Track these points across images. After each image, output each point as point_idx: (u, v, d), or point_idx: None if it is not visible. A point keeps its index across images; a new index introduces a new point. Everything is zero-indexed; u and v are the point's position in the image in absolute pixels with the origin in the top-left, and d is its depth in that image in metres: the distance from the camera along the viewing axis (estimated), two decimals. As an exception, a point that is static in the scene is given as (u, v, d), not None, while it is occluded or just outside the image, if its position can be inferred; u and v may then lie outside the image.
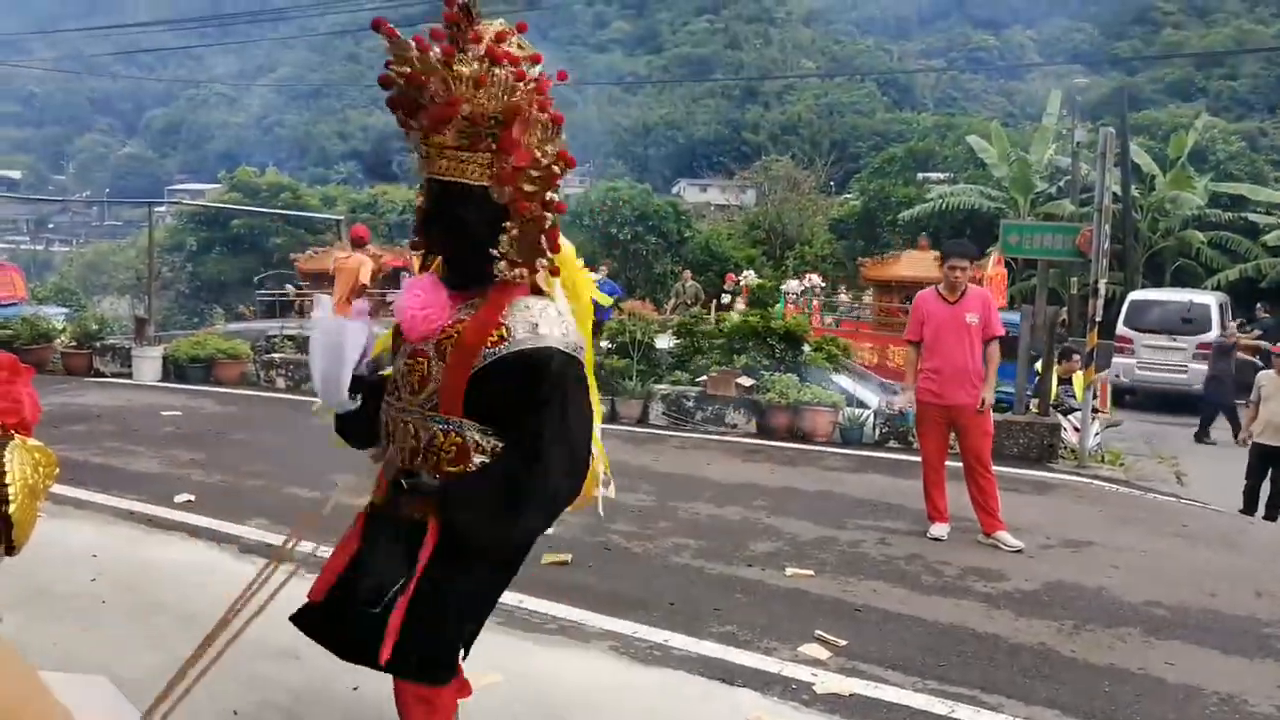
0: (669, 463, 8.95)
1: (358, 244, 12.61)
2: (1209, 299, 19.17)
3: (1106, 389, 13.69)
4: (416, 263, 2.90)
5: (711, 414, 10.96)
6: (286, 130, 77.97)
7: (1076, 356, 11.31)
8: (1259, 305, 20.40)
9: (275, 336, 13.83)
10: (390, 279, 13.78)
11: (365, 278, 11.86)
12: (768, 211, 38.80)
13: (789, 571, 5.78)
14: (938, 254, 6.95)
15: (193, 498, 6.82)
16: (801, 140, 61.21)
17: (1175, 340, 18.00)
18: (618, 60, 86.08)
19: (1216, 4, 79.68)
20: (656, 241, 32.05)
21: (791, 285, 21.22)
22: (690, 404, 11.00)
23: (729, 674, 4.27)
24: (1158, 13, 79.47)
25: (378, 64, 2.50)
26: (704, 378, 11.29)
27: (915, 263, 14.64)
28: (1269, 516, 9.21)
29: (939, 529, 6.72)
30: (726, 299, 23.36)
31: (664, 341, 12.15)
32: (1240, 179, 28.01)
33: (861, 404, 10.84)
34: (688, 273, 27.08)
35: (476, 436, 2.54)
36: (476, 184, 2.50)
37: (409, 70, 2.41)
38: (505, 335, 2.50)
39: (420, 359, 2.59)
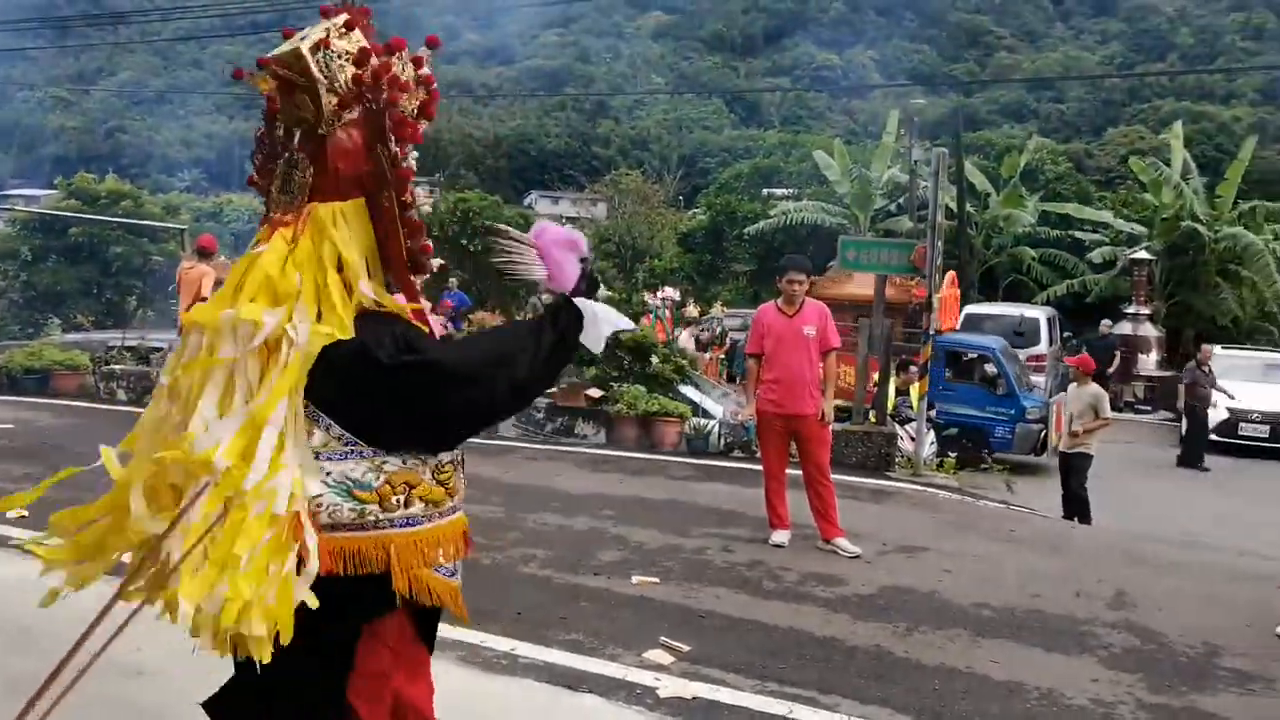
0: (518, 474, 8.91)
1: (204, 254, 12.14)
2: (1039, 313, 20.19)
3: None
4: None
5: (561, 425, 10.96)
6: (128, 136, 74.47)
7: (913, 368, 11.75)
8: (1104, 322, 21.54)
9: (115, 348, 13.25)
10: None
11: (206, 289, 11.41)
12: (618, 225, 39.09)
13: (635, 580, 5.83)
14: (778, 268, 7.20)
15: (26, 513, 6.42)
16: (651, 155, 61.96)
17: None
18: (468, 71, 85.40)
19: (1045, 30, 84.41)
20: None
21: (665, 295, 21.19)
22: (540, 415, 10.98)
23: (574, 681, 4.30)
24: (991, 37, 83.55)
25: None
26: (553, 389, 11.29)
27: (868, 281, 14.63)
28: (1067, 516, 9.67)
29: (780, 536, 6.87)
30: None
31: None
32: (1068, 198, 29.64)
33: (707, 414, 11.02)
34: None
35: None
36: None
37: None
38: None
39: None
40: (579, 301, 2.38)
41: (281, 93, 2.25)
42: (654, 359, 11.55)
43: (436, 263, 2.37)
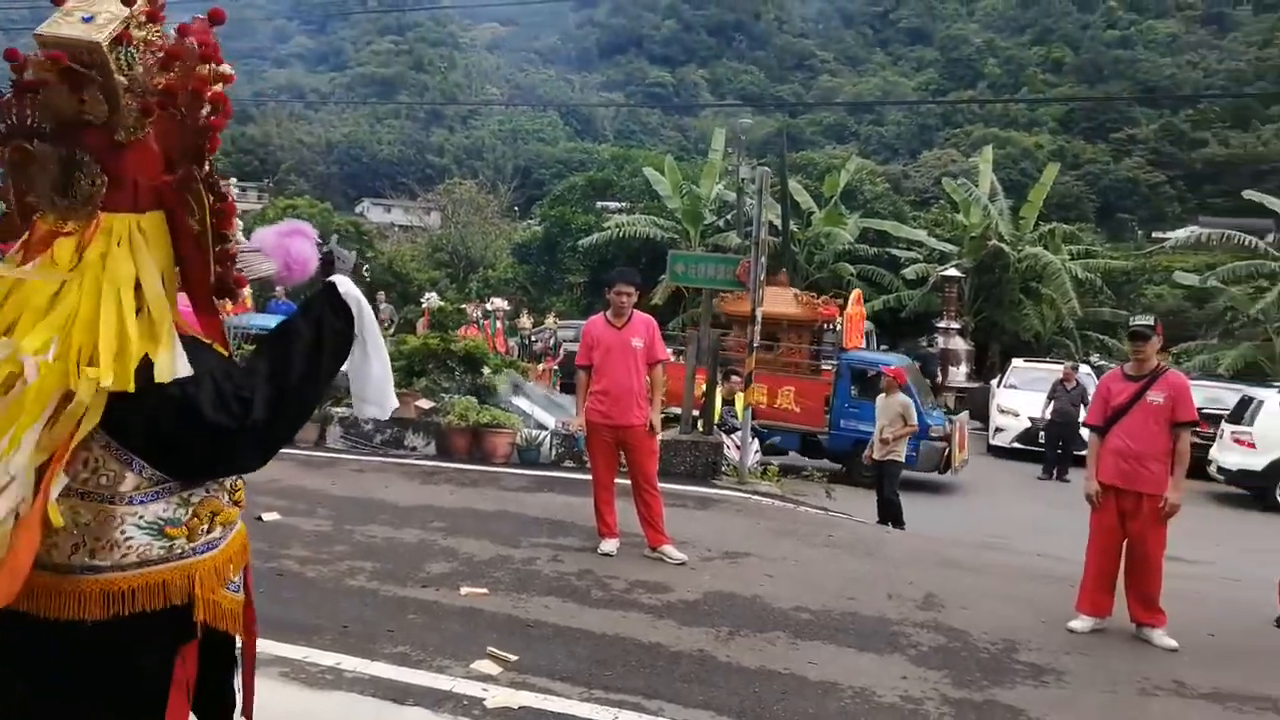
0: (346, 486, 8.72)
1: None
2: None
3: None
4: None
5: (390, 436, 10.78)
6: None
7: (737, 378, 12.06)
8: (924, 339, 22.56)
9: None
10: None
11: None
12: (452, 234, 38.77)
13: (464, 591, 5.80)
14: (609, 282, 7.25)
15: None
16: (486, 165, 61.63)
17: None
18: (299, 76, 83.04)
19: (866, 56, 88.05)
20: (337, 262, 31.08)
21: (494, 305, 20.89)
22: (369, 427, 10.76)
23: (401, 694, 4.26)
24: (816, 60, 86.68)
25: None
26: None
27: (775, 298, 14.28)
28: (882, 521, 10.08)
29: (609, 545, 6.96)
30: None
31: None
32: (885, 217, 30.97)
33: (540, 425, 11.04)
34: (381, 293, 26.53)
35: None
36: None
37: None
38: None
39: None
40: (332, 280, 2.24)
41: (61, 83, 1.95)
42: (485, 370, 11.50)
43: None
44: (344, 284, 2.24)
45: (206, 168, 2.06)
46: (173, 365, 1.94)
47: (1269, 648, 6.08)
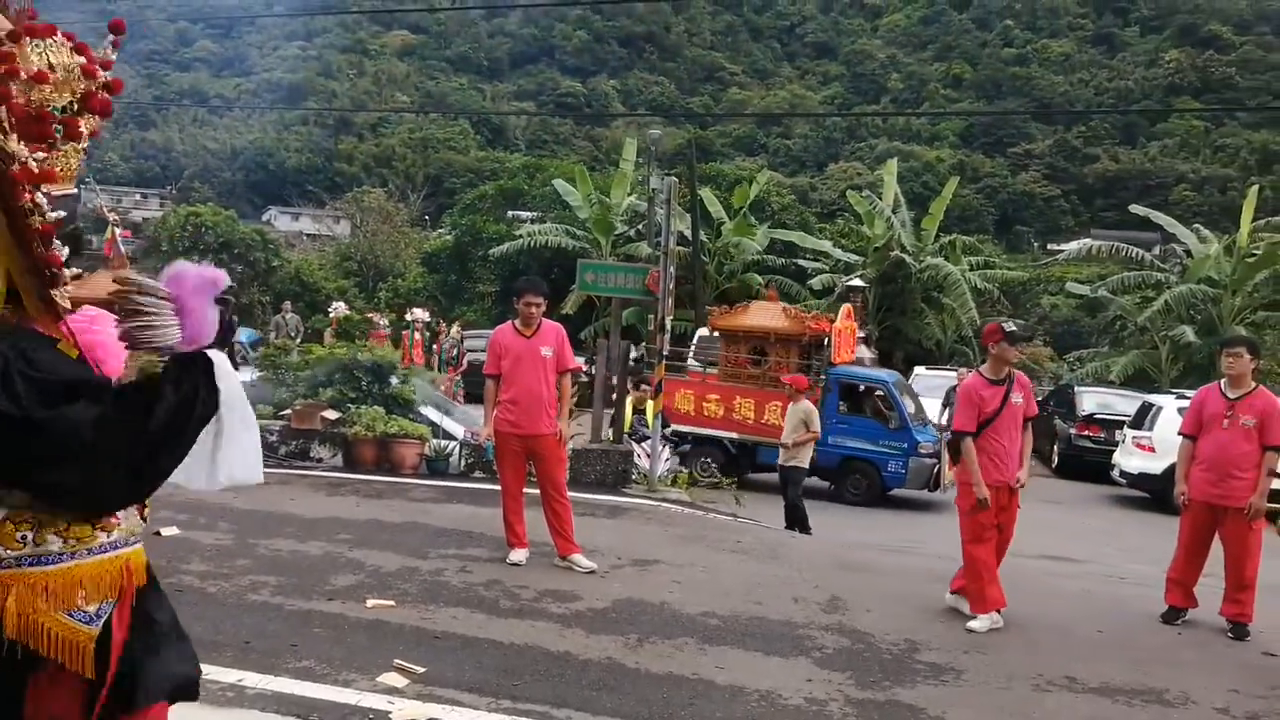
0: (249, 499, 8.52)
1: None
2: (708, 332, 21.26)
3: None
4: None
5: (296, 448, 10.60)
6: None
7: (646, 387, 12.13)
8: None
9: None
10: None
11: None
12: (360, 243, 38.28)
13: (370, 603, 5.74)
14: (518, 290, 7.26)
15: None
16: (396, 173, 60.99)
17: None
18: (203, 80, 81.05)
19: (774, 69, 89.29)
20: (243, 270, 30.52)
21: (414, 315, 20.60)
22: (274, 438, 10.57)
23: (305, 709, 4.21)
24: (725, 73, 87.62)
25: None
26: (288, 411, 10.91)
27: (763, 312, 14.26)
28: (789, 527, 10.24)
29: (518, 554, 6.95)
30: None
31: (246, 374, 11.58)
32: (793, 228, 31.41)
33: (448, 435, 10.96)
34: (287, 304, 26.08)
35: None
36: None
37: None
38: None
39: None
40: (211, 354, 2.02)
41: None
42: (393, 379, 11.38)
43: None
44: (221, 362, 2.07)
45: (11, 144, 1.88)
46: None
47: (1154, 642, 6.33)
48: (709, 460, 13.77)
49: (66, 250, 2.00)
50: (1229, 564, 6.56)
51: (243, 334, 14.31)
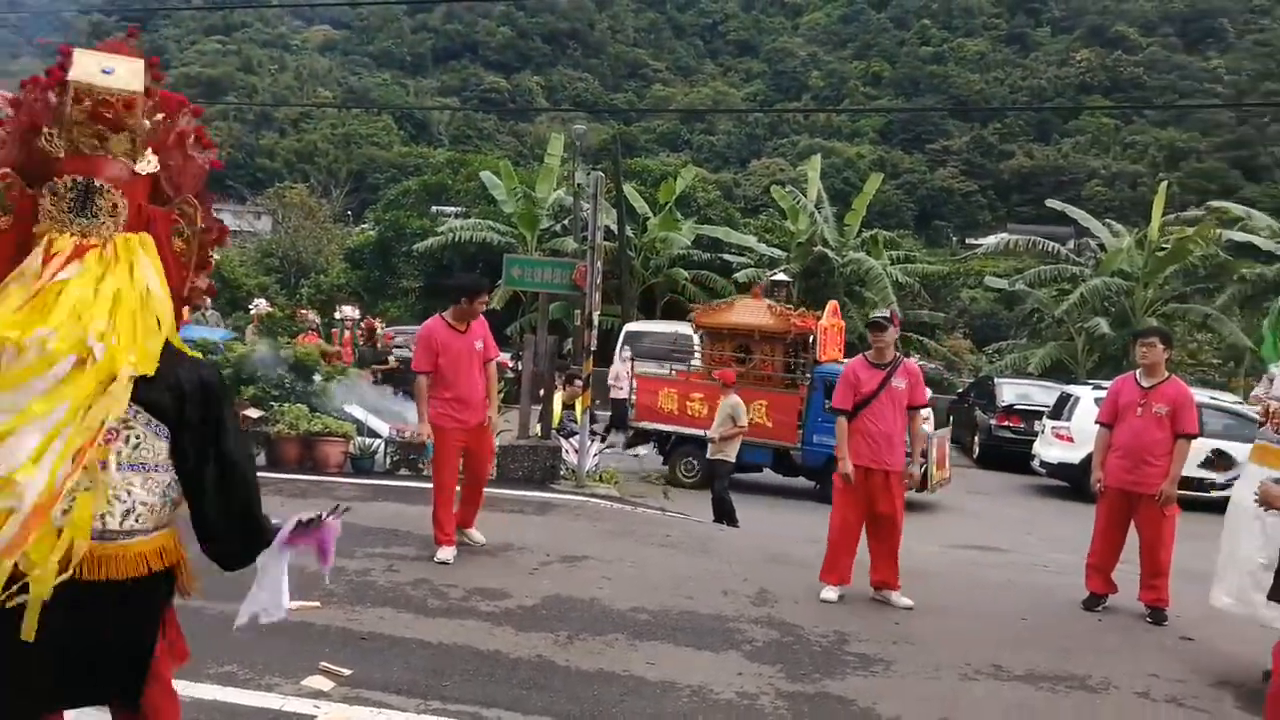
0: (165, 503, 8.30)
1: None
2: (692, 329, 21.32)
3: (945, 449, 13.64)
4: None
5: (215, 449, 10.33)
6: None
7: (578, 383, 12.07)
8: None
9: None
10: None
11: None
12: (282, 239, 37.61)
13: (294, 605, 5.58)
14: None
15: None
16: (318, 169, 59.98)
17: (664, 367, 19.82)
18: (116, 73, 78.67)
19: (697, 66, 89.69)
20: (158, 267, 29.67)
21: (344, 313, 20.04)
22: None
23: (228, 715, 4.12)
24: (649, 69, 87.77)
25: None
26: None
27: (748, 310, 13.91)
28: (717, 520, 10.21)
29: (448, 552, 6.87)
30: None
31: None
32: (717, 223, 31.51)
33: (374, 433, 10.79)
34: (206, 300, 25.36)
35: None
36: None
37: None
38: None
39: None
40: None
41: (93, 122, 2.39)
42: (317, 376, 11.16)
43: None
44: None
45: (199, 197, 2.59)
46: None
47: (1077, 629, 6.48)
48: (692, 460, 13.52)
49: None
50: (1144, 550, 6.74)
51: (218, 333, 13.97)
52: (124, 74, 2.43)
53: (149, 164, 2.48)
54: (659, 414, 13.97)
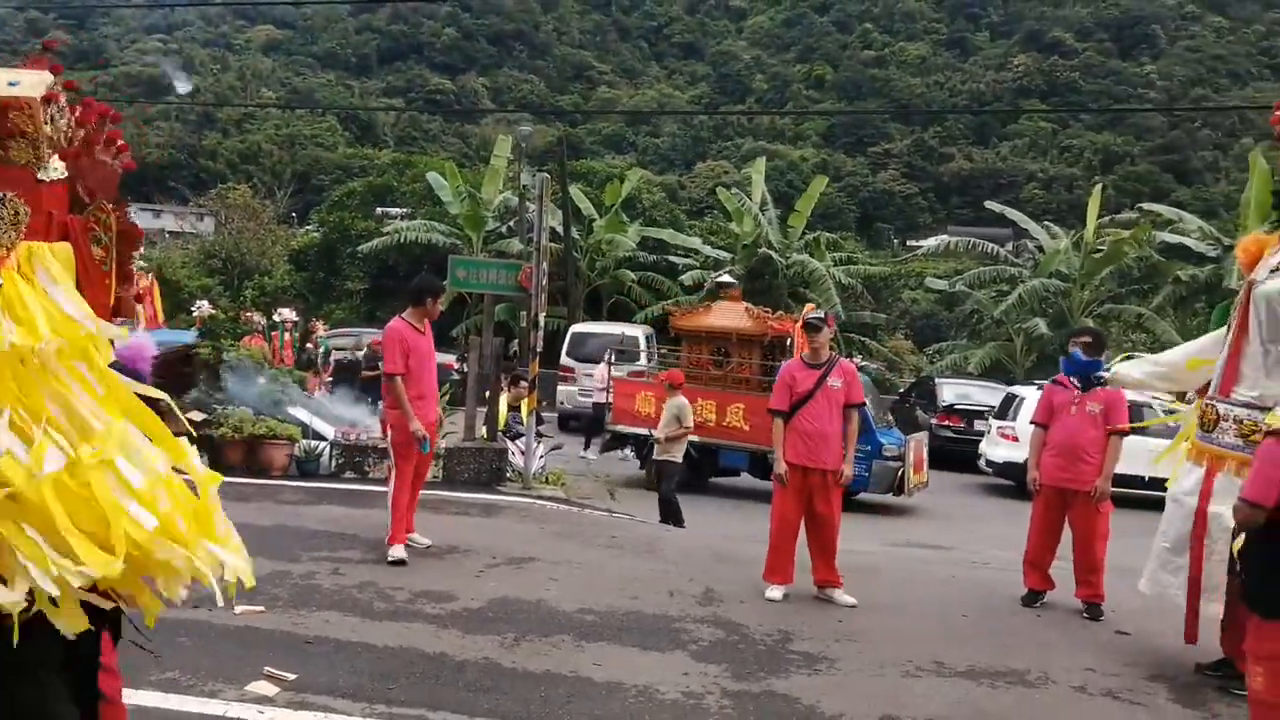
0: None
1: None
2: (638, 331, 21.39)
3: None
4: None
5: (156, 453, 10.18)
6: None
7: (524, 384, 12.03)
8: None
9: None
10: None
11: None
12: (225, 240, 37.09)
13: (238, 610, 5.55)
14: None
15: None
16: (262, 170, 59.33)
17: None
18: (55, 73, 76.99)
19: (642, 69, 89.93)
20: (97, 269, 29.11)
21: (283, 316, 19.77)
22: (132, 444, 10.12)
23: (170, 723, 4.06)
24: (594, 72, 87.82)
25: None
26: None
27: (726, 312, 13.78)
28: (663, 521, 10.23)
29: (402, 550, 6.91)
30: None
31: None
32: (663, 225, 31.61)
33: (319, 436, 10.70)
34: (138, 308, 24.94)
35: None
36: None
37: None
38: None
39: None
40: None
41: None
42: (261, 380, 11.03)
43: None
44: None
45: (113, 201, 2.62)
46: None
47: (1016, 625, 6.59)
48: None
49: None
50: (1078, 546, 6.89)
51: (187, 335, 13.77)
52: (27, 84, 2.47)
53: (54, 171, 2.51)
54: (636, 417, 13.85)
